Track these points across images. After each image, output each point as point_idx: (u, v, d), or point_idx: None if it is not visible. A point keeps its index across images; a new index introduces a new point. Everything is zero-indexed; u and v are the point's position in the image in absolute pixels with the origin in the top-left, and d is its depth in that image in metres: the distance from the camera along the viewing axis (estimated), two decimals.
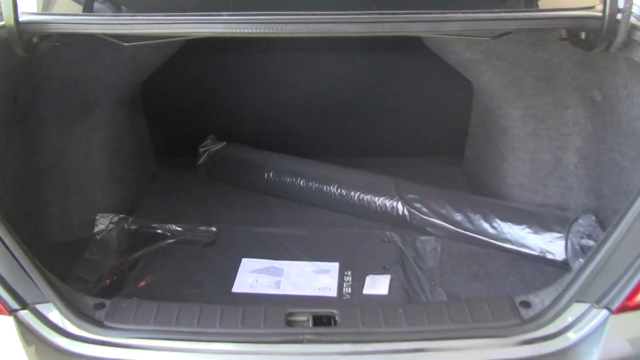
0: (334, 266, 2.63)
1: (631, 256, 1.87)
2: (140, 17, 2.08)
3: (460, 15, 2.04)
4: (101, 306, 1.98)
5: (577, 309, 1.90)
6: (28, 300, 1.89)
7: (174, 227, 2.90)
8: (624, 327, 1.89)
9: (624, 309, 1.86)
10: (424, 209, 2.91)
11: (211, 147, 3.46)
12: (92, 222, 2.87)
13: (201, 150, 3.47)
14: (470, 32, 2.29)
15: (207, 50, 3.34)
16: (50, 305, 1.90)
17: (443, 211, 2.88)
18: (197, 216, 3.07)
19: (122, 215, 2.92)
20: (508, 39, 2.69)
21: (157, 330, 1.91)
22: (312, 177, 3.17)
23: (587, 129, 2.75)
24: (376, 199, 3.00)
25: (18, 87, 2.47)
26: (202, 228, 2.89)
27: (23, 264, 1.89)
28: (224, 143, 3.48)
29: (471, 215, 2.83)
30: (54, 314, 1.90)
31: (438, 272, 2.66)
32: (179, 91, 3.49)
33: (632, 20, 2.10)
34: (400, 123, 3.58)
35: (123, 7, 2.43)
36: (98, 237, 2.83)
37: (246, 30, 1.95)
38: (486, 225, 2.79)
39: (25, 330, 1.87)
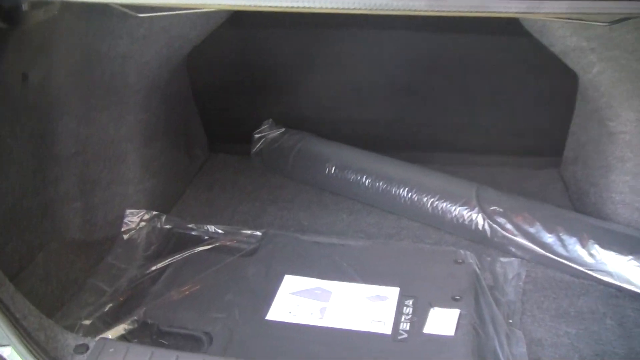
0: (393, 292, 2.17)
1: None
2: None
3: None
4: (83, 349, 1.60)
5: None
6: None
7: (213, 228, 2.50)
8: None
9: None
10: (508, 225, 2.42)
11: (268, 133, 3.03)
12: (120, 219, 2.50)
13: (256, 136, 3.05)
14: (580, 14, 1.76)
15: (263, 23, 2.90)
16: (9, 349, 1.52)
17: (531, 230, 2.39)
18: (243, 213, 2.70)
19: (154, 212, 2.54)
20: (627, 23, 2.16)
21: None
22: (379, 175, 2.71)
23: None
24: (452, 208, 2.53)
25: (28, 63, 2.09)
26: (246, 232, 2.48)
27: None
28: (282, 129, 3.05)
29: (565, 237, 2.33)
30: None
31: (519, 306, 2.19)
32: (233, 70, 3.07)
33: None
34: (486, 114, 3.06)
35: None
36: (125, 236, 2.46)
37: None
38: (583, 252, 2.30)
39: None
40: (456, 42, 2.87)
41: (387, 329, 2.03)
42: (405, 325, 2.04)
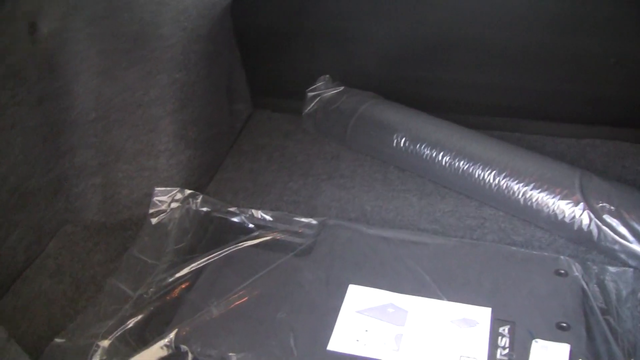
0: (484, 315, 1.74)
1: None
2: None
3: None
4: None
5: None
6: None
7: (260, 214, 2.07)
8: None
9: None
10: (621, 229, 1.96)
11: (324, 92, 2.55)
12: (148, 199, 2.07)
13: (310, 95, 2.55)
14: None
15: None
16: None
17: None
18: (293, 191, 2.28)
19: (189, 191, 2.11)
20: None
21: None
22: (459, 152, 2.23)
23: None
24: (551, 201, 2.06)
25: (37, 8, 1.64)
26: (300, 221, 2.05)
27: None
28: (342, 88, 2.56)
29: None
30: None
31: (638, 339, 1.76)
32: (287, 11, 2.57)
33: None
34: (586, 80, 2.54)
35: None
36: (153, 220, 2.03)
37: None
38: None
39: None
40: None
41: None
42: None
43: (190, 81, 2.14)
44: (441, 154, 2.25)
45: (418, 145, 2.29)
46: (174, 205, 2.07)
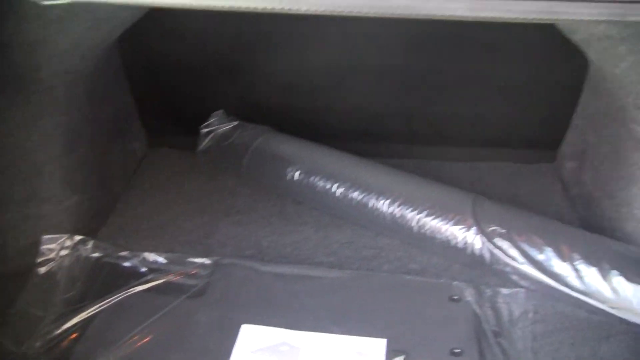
0: (379, 347, 1.74)
1: None
2: None
3: None
4: None
5: None
6: None
7: (152, 257, 2.03)
8: None
9: None
10: (512, 251, 1.99)
11: (218, 127, 2.52)
12: (35, 247, 2.00)
13: (203, 131, 2.53)
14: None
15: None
16: None
17: (540, 257, 1.95)
18: (189, 231, 2.24)
19: (79, 237, 2.05)
20: None
21: None
22: (354, 183, 2.23)
23: None
24: (445, 227, 2.08)
25: None
26: (193, 261, 2.01)
27: None
28: (236, 122, 2.54)
29: (582, 267, 1.90)
30: None
31: (531, 358, 1.79)
32: (179, 49, 2.54)
33: None
34: (471, 102, 2.61)
35: None
36: (41, 270, 1.97)
37: None
38: (603, 285, 1.87)
39: None
40: (444, 22, 2.39)
41: None
42: None
43: (75, 124, 2.10)
44: (335, 185, 2.25)
45: (312, 178, 2.29)
46: (63, 252, 2.01)
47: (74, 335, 1.79)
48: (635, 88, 1.93)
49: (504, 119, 2.63)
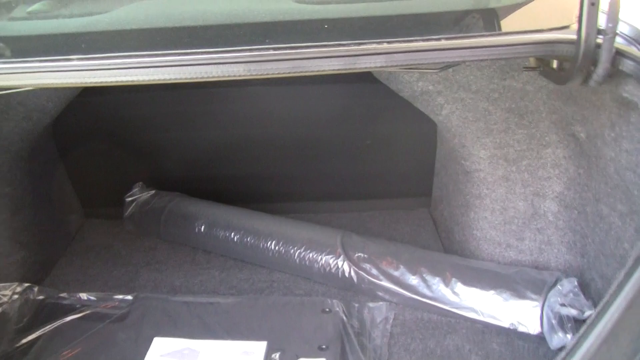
0: (260, 347, 2.19)
1: (630, 345, 1.41)
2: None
3: (379, 46, 1.62)
4: None
5: None
6: None
7: (85, 296, 2.47)
8: None
9: None
10: (374, 271, 2.47)
11: (139, 196, 3.01)
12: None
13: (127, 200, 3.02)
14: (401, 66, 1.83)
15: (127, 87, 2.88)
16: None
17: (396, 273, 2.44)
18: (116, 278, 2.69)
19: (26, 284, 2.49)
20: (471, 65, 2.25)
21: None
22: (247, 230, 2.73)
23: (568, 172, 2.30)
24: (319, 257, 2.56)
25: None
26: (117, 297, 2.46)
27: None
28: (153, 192, 3.04)
29: (429, 278, 2.39)
30: None
31: (385, 351, 2.23)
32: (103, 133, 3.03)
33: (618, 44, 1.65)
34: (358, 162, 3.12)
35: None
36: None
37: (140, 77, 1.55)
38: (446, 291, 2.36)
39: None
40: (324, 93, 2.91)
41: None
42: None
43: (18, 193, 2.56)
44: (233, 233, 2.74)
45: (215, 229, 2.79)
46: (14, 297, 2.45)
47: (20, 354, 2.22)
48: (457, 131, 2.45)
49: (383, 174, 3.12)
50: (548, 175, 2.37)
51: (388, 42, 1.64)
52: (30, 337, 2.29)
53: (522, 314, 2.23)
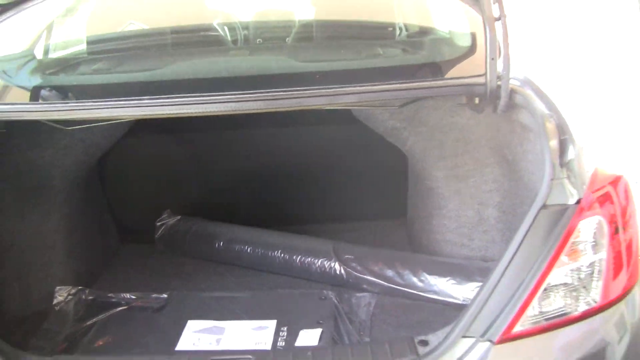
0: (272, 323, 2.84)
1: (510, 291, 2.10)
2: (81, 104, 2.41)
3: (353, 88, 2.35)
4: None
5: (464, 343, 2.11)
6: None
7: (128, 295, 3.12)
8: (505, 356, 2.11)
9: (504, 340, 2.07)
10: (359, 268, 3.14)
11: (167, 221, 3.71)
12: (52, 295, 3.09)
13: (158, 224, 3.72)
14: (369, 102, 2.58)
15: (158, 130, 3.63)
16: None
17: (376, 268, 3.11)
18: (152, 285, 3.30)
19: (79, 287, 3.14)
20: (427, 106, 2.99)
21: None
22: (257, 244, 3.42)
23: (504, 186, 3.01)
24: (316, 260, 3.23)
25: None
26: (154, 295, 3.11)
27: None
28: (179, 217, 3.73)
29: (401, 271, 3.07)
30: None
31: (368, 324, 2.88)
32: (137, 169, 3.76)
33: (512, 85, 2.41)
34: (347, 189, 3.83)
35: (69, 94, 2.74)
36: (57, 308, 3.05)
37: (159, 112, 2.27)
38: (415, 279, 3.03)
39: None
40: (315, 134, 3.66)
41: (268, 347, 2.70)
42: (281, 343, 2.72)
43: (75, 215, 3.26)
44: (245, 247, 3.44)
45: (231, 245, 3.49)
46: (70, 297, 3.10)
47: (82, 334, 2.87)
48: (419, 157, 3.17)
49: (365, 199, 3.83)
50: (489, 189, 3.06)
51: (361, 86, 2.37)
52: (87, 323, 2.93)
53: (472, 292, 2.87)
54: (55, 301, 3.08)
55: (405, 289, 3.04)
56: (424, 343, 2.24)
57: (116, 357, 2.49)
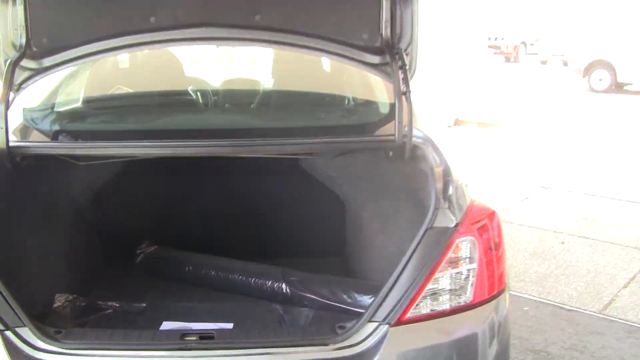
0: (230, 325, 3.56)
1: (404, 288, 2.90)
2: (93, 144, 3.28)
3: (297, 140, 3.23)
4: (59, 332, 2.92)
5: (370, 326, 2.88)
6: (10, 324, 2.81)
7: (113, 303, 3.82)
8: (399, 337, 2.86)
9: (398, 323, 2.86)
10: (301, 287, 3.89)
11: (146, 249, 4.48)
12: (52, 300, 3.74)
13: (138, 252, 4.47)
14: (309, 152, 3.46)
15: (146, 172, 4.36)
16: (26, 329, 2.82)
17: (315, 288, 3.86)
18: (133, 296, 3.96)
19: (75, 296, 3.81)
20: (355, 159, 3.84)
21: (98, 343, 2.86)
22: (220, 268, 4.18)
23: (418, 223, 3.50)
24: (267, 282, 3.99)
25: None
26: (135, 304, 3.82)
27: (7, 298, 2.87)
28: (155, 246, 4.49)
29: (334, 290, 3.83)
30: (29, 335, 2.81)
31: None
32: (124, 203, 4.50)
33: (415, 141, 3.26)
34: (294, 229, 4.56)
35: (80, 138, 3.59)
36: (56, 310, 3.72)
37: (151, 151, 3.26)
38: (345, 297, 3.78)
39: (8, 345, 2.77)
40: (266, 183, 4.50)
41: None
42: None
43: (76, 238, 4.03)
44: (211, 270, 4.21)
45: (199, 269, 4.26)
46: (67, 303, 3.78)
47: None
48: (352, 201, 4.02)
49: (310, 237, 4.57)
50: (406, 226, 3.67)
51: (303, 139, 3.29)
52: (80, 322, 3.59)
53: None
54: (55, 305, 3.75)
55: (337, 304, 3.78)
56: (342, 327, 2.99)
57: (113, 331, 3.11)
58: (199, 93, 4.27)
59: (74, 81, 4.37)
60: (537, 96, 20.94)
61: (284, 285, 3.95)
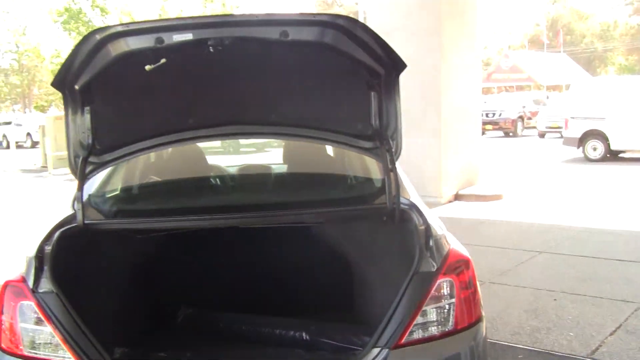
0: None
1: (400, 317, 3.61)
2: (153, 219, 4.11)
3: (307, 211, 4.11)
4: None
5: (375, 351, 3.59)
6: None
7: (163, 354, 4.50)
8: (398, 358, 3.58)
9: (397, 346, 3.57)
10: (319, 334, 4.62)
11: (185, 311, 5.19)
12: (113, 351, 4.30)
13: (179, 314, 5.19)
14: (318, 219, 4.29)
15: (183, 244, 5.16)
16: None
17: (330, 334, 4.61)
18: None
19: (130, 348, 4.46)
20: (357, 226, 4.65)
21: None
22: (249, 323, 4.91)
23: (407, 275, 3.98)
24: (290, 332, 4.69)
25: None
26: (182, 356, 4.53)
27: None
28: (193, 309, 5.22)
29: (346, 335, 4.56)
30: None
31: None
32: (165, 269, 5.27)
33: (403, 207, 4.03)
34: (312, 287, 5.18)
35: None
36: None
37: (194, 224, 4.09)
38: (355, 339, 4.44)
39: None
40: (284, 251, 5.29)
41: None
42: None
43: (124, 297, 4.73)
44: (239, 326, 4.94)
45: (233, 325, 5.00)
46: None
47: None
48: (357, 261, 4.82)
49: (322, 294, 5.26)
50: (401, 274, 3.87)
51: (311, 210, 4.16)
52: None
53: None
54: (114, 356, 4.28)
55: (349, 346, 4.46)
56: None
57: None
58: (226, 177, 5.25)
59: (118, 171, 5.15)
60: (536, 168, 21.83)
61: (304, 334, 4.66)
